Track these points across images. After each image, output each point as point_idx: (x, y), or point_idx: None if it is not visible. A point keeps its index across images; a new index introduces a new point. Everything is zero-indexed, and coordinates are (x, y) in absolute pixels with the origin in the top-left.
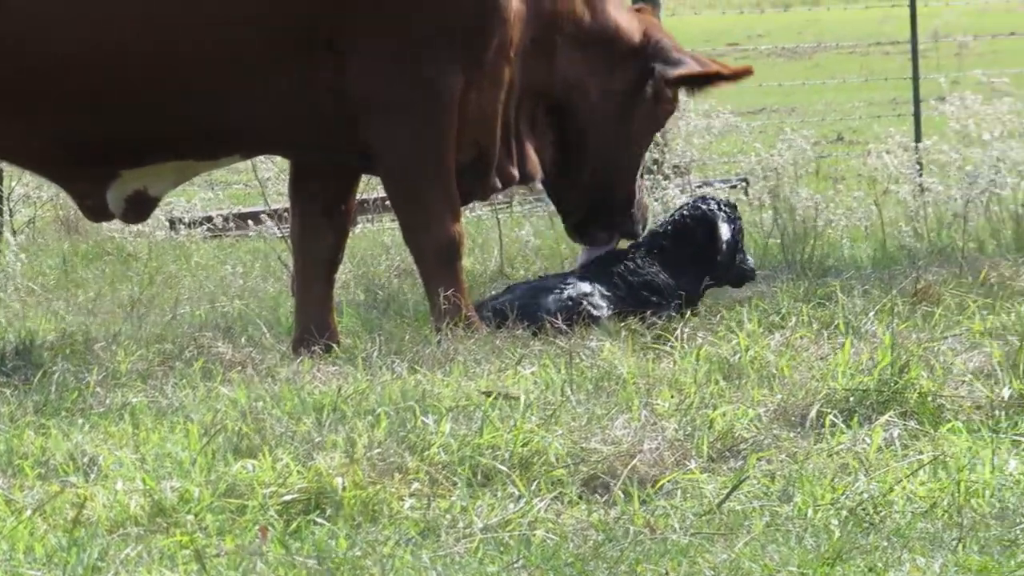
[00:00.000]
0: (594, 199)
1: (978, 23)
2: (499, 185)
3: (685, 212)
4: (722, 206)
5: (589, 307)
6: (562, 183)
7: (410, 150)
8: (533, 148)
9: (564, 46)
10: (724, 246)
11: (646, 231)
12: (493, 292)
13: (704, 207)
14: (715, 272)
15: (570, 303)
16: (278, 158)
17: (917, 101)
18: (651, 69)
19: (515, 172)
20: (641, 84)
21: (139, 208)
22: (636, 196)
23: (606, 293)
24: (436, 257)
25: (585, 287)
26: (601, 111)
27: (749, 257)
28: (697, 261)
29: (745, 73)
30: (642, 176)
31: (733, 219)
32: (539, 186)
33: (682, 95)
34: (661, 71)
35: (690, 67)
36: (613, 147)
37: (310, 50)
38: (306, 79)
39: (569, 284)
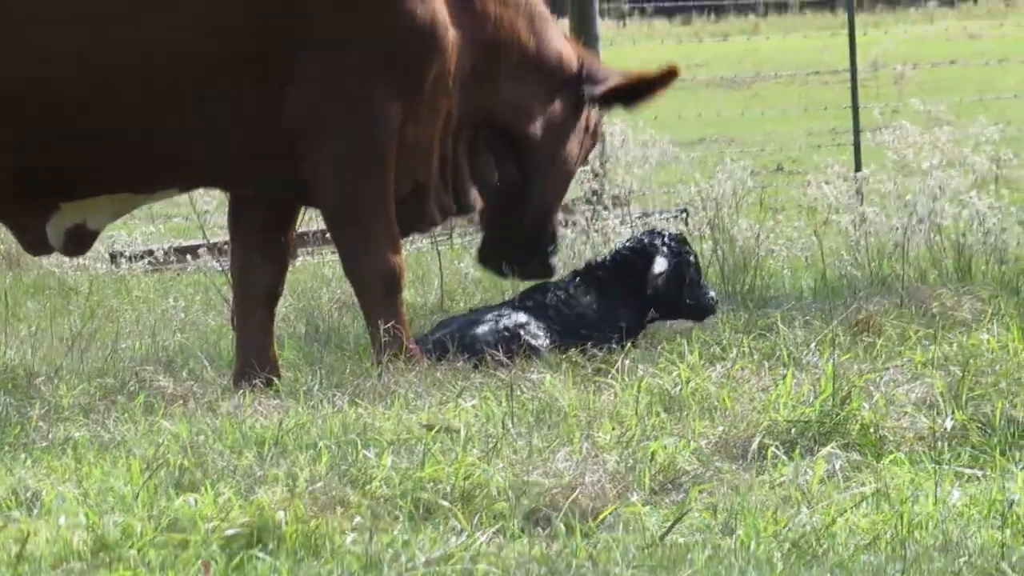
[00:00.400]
0: (527, 225)
1: (917, 52)
2: (438, 218)
3: (627, 244)
4: (667, 240)
5: (527, 337)
6: (505, 211)
7: (349, 182)
8: (471, 177)
9: (508, 74)
10: (659, 280)
11: (583, 264)
12: (431, 326)
13: (646, 240)
14: (650, 305)
15: (507, 334)
16: (217, 191)
17: (857, 131)
18: (583, 95)
19: (452, 203)
20: (578, 112)
21: (79, 241)
22: (558, 229)
23: (543, 324)
24: (376, 289)
25: (521, 317)
26: (541, 137)
27: (711, 291)
28: (637, 294)
29: (671, 76)
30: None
31: (678, 253)
32: (476, 216)
33: (618, 120)
34: (589, 91)
35: (615, 80)
36: (553, 175)
37: (248, 81)
38: (244, 111)
39: (505, 315)
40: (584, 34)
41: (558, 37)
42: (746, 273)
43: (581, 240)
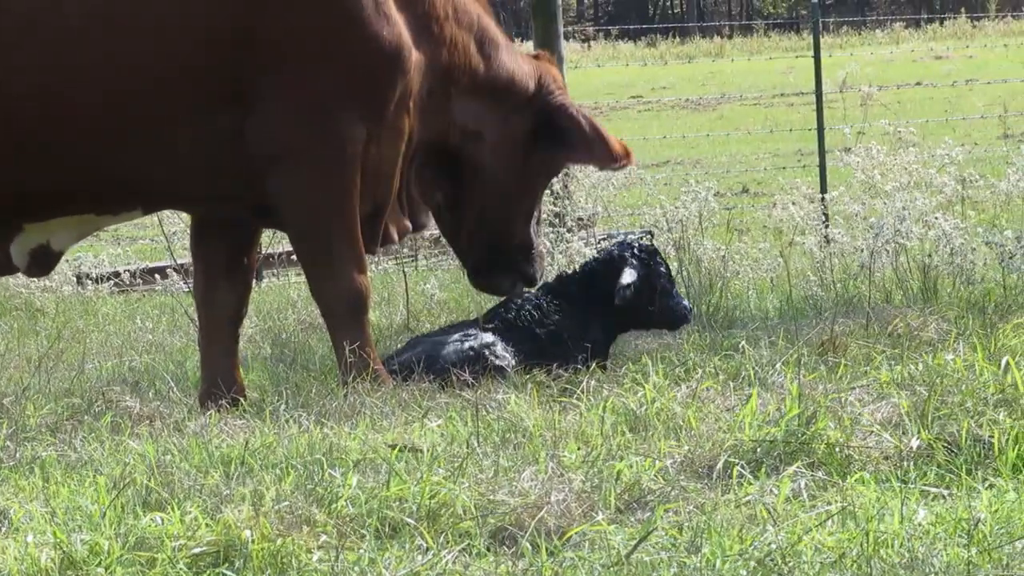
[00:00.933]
0: (491, 244)
1: (883, 74)
2: (395, 238)
3: (596, 257)
4: (637, 251)
5: (492, 357)
6: (457, 229)
7: (315, 203)
8: (420, 195)
9: (458, 96)
10: (627, 291)
11: (553, 277)
12: (397, 348)
13: (615, 252)
14: (620, 317)
15: (472, 354)
16: (184, 213)
17: (822, 152)
18: (540, 106)
19: (407, 222)
20: (529, 132)
21: (42, 262)
22: (533, 242)
23: (509, 344)
24: (343, 310)
25: (487, 338)
26: (495, 158)
27: (684, 300)
28: (606, 306)
29: (623, 160)
30: (539, 223)
31: (648, 264)
32: (432, 232)
33: None
34: (540, 104)
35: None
36: (507, 192)
37: (214, 104)
38: (209, 133)
39: (471, 335)
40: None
41: (511, 57)
42: (712, 294)
43: (546, 263)
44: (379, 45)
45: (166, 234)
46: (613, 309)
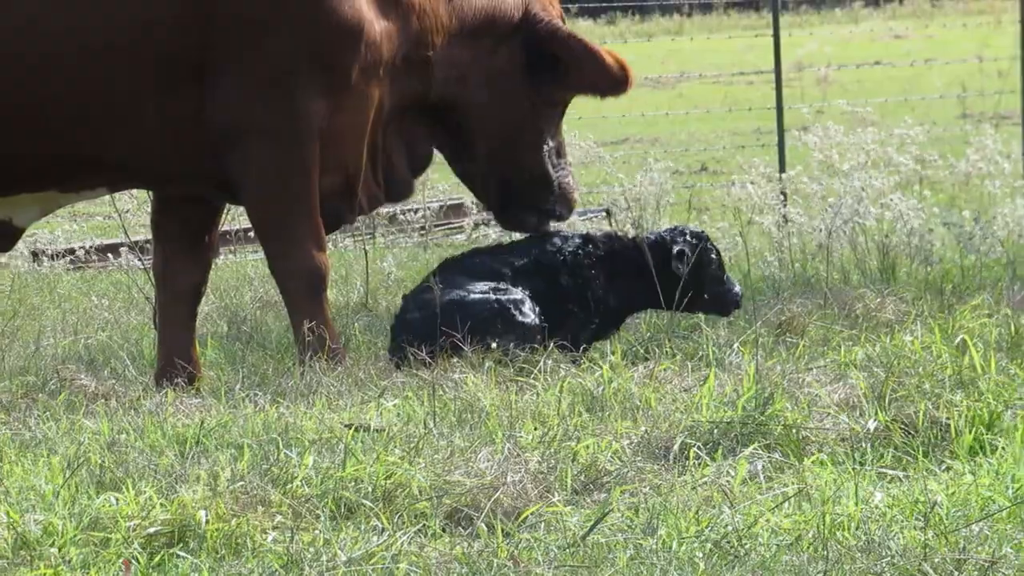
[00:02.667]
0: (503, 180)
1: (842, 53)
2: (366, 207)
3: (648, 237)
4: (688, 236)
5: (517, 314)
6: (472, 177)
7: (274, 179)
8: (407, 160)
9: (437, 56)
10: (681, 266)
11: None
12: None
13: (666, 235)
14: (676, 298)
15: (496, 307)
16: (137, 191)
17: (781, 131)
18: (530, 35)
19: (382, 193)
20: (519, 62)
21: (4, 238)
22: (553, 177)
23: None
24: (301, 287)
25: (515, 295)
26: (485, 95)
27: (736, 284)
28: (633, 283)
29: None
30: (560, 155)
31: (699, 246)
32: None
33: None
34: (531, 34)
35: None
36: (507, 127)
37: (175, 80)
38: (171, 110)
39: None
40: None
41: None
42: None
43: (505, 239)
44: (337, 18)
45: (119, 212)
46: (653, 286)
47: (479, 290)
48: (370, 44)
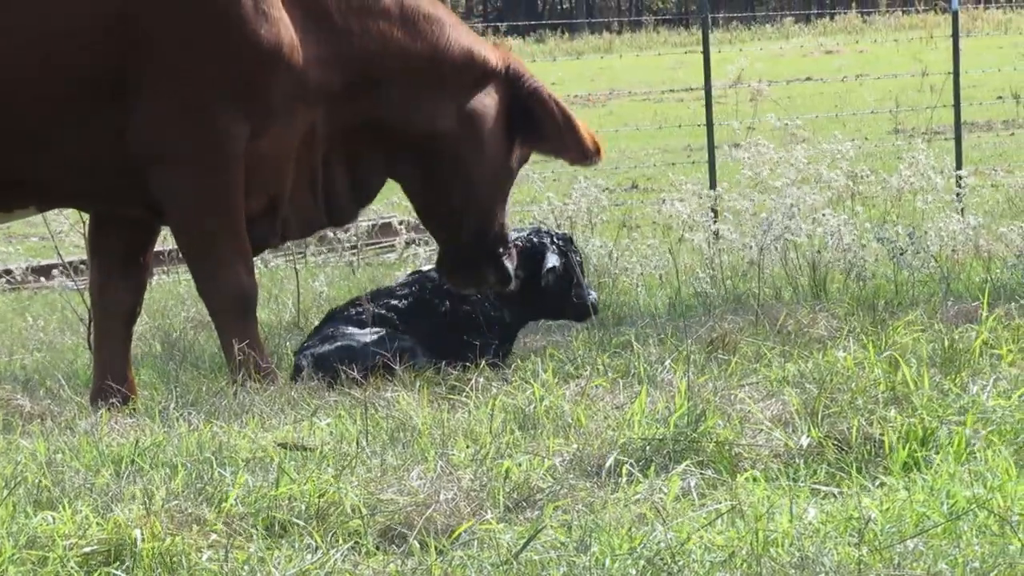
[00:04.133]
0: (477, 228)
1: (773, 69)
2: (298, 231)
3: (515, 241)
4: (556, 239)
5: (411, 360)
6: (430, 219)
7: (197, 203)
8: (354, 186)
9: (393, 82)
10: (551, 276)
11: None
12: (297, 343)
13: (535, 239)
14: (540, 306)
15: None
16: (70, 211)
17: (712, 148)
18: (510, 95)
19: (322, 216)
20: (499, 111)
21: None
22: (507, 236)
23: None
24: (229, 310)
25: (406, 343)
26: (460, 141)
27: (592, 292)
28: (521, 294)
29: (588, 156)
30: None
31: (566, 252)
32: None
33: None
34: (518, 91)
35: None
36: (484, 172)
37: (96, 103)
38: (93, 132)
39: (390, 336)
40: None
41: (462, 36)
42: (600, 291)
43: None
44: (256, 43)
45: (52, 233)
46: (528, 295)
47: (368, 339)
48: (292, 69)
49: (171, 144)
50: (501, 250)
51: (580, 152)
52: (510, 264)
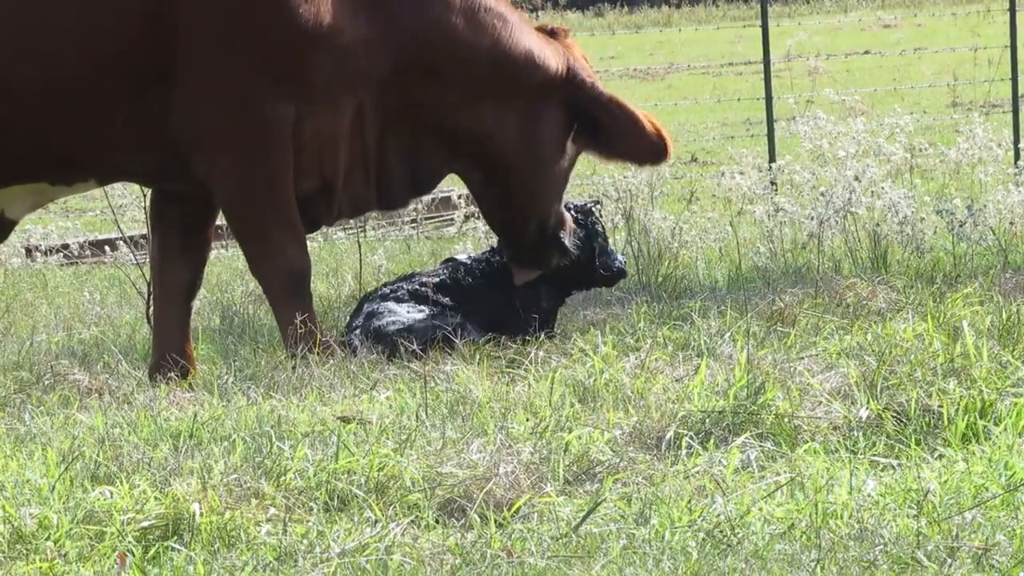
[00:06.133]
0: (531, 235)
1: (831, 43)
2: (348, 212)
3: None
4: (573, 213)
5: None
6: (492, 220)
7: (244, 184)
8: (409, 173)
9: (451, 73)
10: (575, 254)
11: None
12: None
13: None
14: (569, 280)
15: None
16: (132, 186)
17: (771, 121)
18: (572, 98)
19: (372, 199)
20: (559, 113)
21: None
22: (565, 216)
23: (464, 315)
24: (282, 288)
25: (456, 318)
26: (519, 141)
27: (619, 256)
28: (551, 274)
29: (658, 155)
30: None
31: (587, 224)
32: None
33: None
34: (569, 98)
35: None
36: (544, 175)
37: (143, 83)
38: (141, 112)
39: (436, 312)
40: None
41: (525, 36)
42: (661, 264)
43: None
44: (297, 24)
45: (113, 207)
46: (557, 273)
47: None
48: (335, 50)
49: (212, 128)
50: (560, 232)
51: (652, 153)
52: (567, 238)
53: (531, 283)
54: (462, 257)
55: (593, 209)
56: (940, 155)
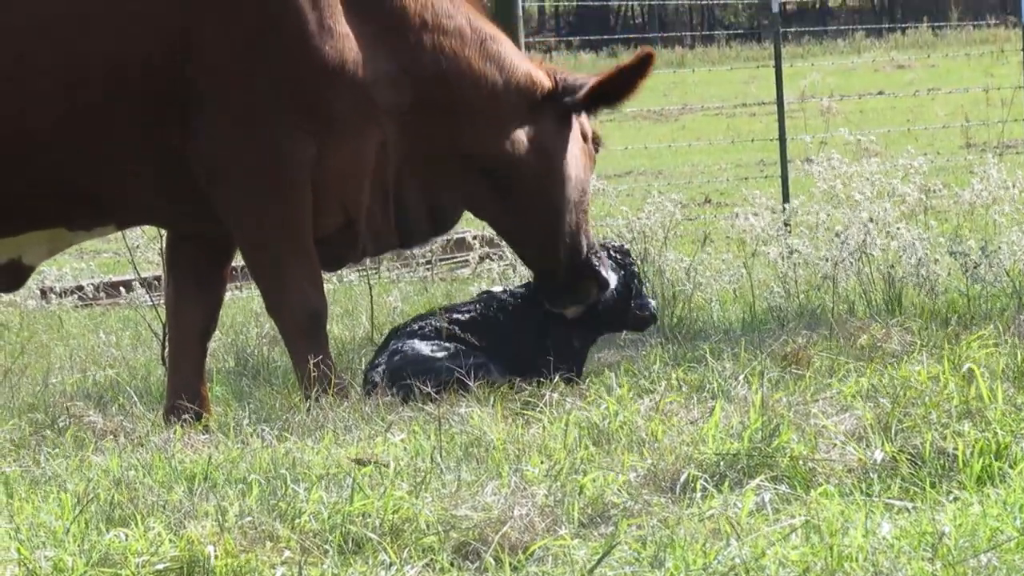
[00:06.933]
0: (561, 260)
1: (845, 84)
2: (372, 250)
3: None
4: (612, 253)
5: (484, 374)
6: (521, 251)
7: (263, 221)
8: (427, 211)
9: (467, 104)
10: (613, 295)
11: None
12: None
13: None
14: (600, 321)
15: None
16: (147, 227)
17: (784, 162)
18: (567, 107)
19: (394, 237)
20: (564, 126)
21: (13, 277)
22: (594, 242)
23: (492, 357)
24: (298, 328)
25: (479, 358)
26: (534, 163)
27: (651, 300)
28: (584, 313)
29: (647, 60)
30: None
31: (625, 265)
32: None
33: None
34: (571, 101)
35: (593, 81)
36: (556, 195)
37: (161, 122)
38: (161, 150)
39: (463, 351)
40: None
41: (520, 57)
42: (675, 306)
43: (510, 273)
44: (320, 59)
45: (129, 247)
46: (589, 314)
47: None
48: (357, 85)
49: (231, 163)
50: (594, 259)
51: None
52: (604, 269)
53: (564, 322)
54: (497, 290)
55: (628, 249)
56: (954, 196)
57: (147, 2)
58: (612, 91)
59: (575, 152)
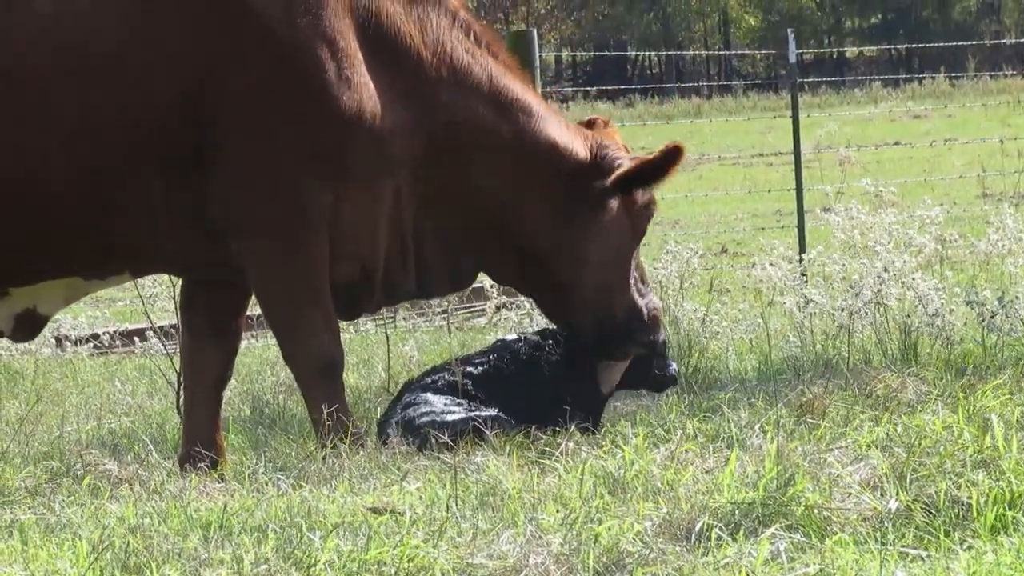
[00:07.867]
0: (596, 317)
1: (861, 134)
2: (389, 298)
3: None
4: None
5: (497, 427)
6: (552, 304)
7: (279, 269)
8: (452, 262)
9: (479, 160)
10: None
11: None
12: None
13: None
14: (621, 381)
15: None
16: (163, 275)
17: (801, 212)
18: (594, 191)
19: (411, 285)
20: (601, 200)
21: (28, 326)
22: (640, 305)
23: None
24: (315, 377)
25: (489, 411)
26: (559, 230)
27: (672, 363)
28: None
29: (676, 151)
30: (644, 282)
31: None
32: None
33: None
34: (599, 186)
35: (624, 167)
36: (604, 266)
37: (179, 171)
38: (179, 199)
39: (473, 406)
40: None
41: (552, 127)
42: (691, 355)
43: (527, 323)
44: (338, 109)
45: (143, 297)
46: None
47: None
48: (374, 135)
49: (251, 213)
50: (635, 327)
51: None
52: (648, 333)
53: (581, 376)
54: (511, 338)
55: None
56: (970, 246)
57: (166, 53)
58: (640, 180)
59: (613, 225)
